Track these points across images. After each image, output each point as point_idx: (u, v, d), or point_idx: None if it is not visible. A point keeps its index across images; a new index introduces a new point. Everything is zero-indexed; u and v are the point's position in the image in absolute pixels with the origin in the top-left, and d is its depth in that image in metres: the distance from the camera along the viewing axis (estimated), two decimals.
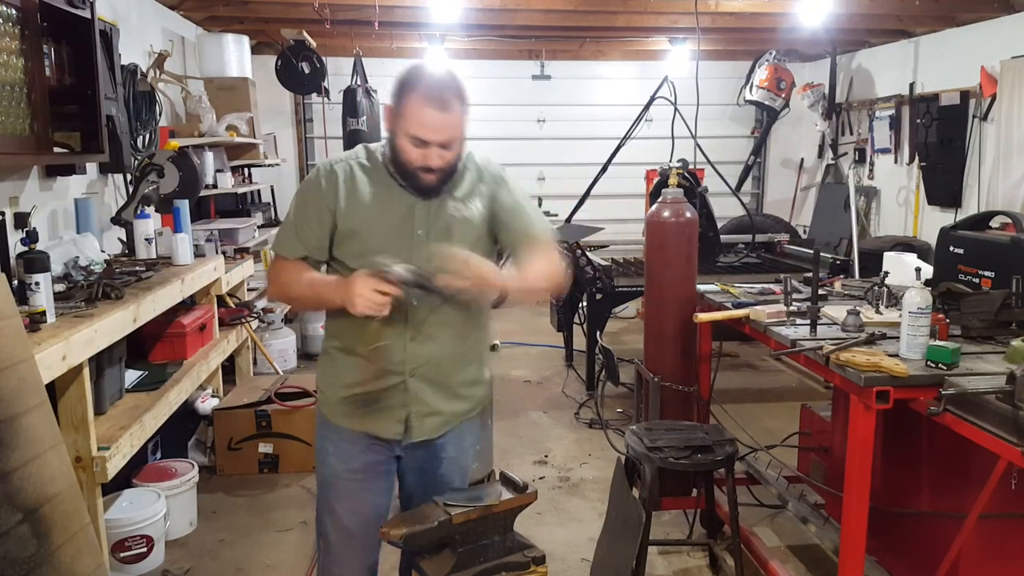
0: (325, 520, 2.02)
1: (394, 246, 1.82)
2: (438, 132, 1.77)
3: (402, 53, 7.64)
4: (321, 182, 1.87)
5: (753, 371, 5.82)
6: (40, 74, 3.06)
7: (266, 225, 6.73)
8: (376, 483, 2.00)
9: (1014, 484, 2.01)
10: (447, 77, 1.81)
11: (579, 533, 3.36)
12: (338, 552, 2.01)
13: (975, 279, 2.67)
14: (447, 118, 1.77)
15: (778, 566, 2.77)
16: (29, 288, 2.43)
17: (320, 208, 1.86)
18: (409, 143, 1.78)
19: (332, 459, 1.98)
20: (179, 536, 3.34)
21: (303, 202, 1.90)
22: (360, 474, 1.97)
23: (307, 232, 1.88)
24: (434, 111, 1.75)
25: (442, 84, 1.78)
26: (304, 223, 1.88)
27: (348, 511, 1.98)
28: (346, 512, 1.98)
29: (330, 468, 1.99)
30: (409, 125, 1.77)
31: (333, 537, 2.01)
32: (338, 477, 1.98)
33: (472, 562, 1.86)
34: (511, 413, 4.82)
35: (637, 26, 6.52)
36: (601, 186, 5.72)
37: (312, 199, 1.88)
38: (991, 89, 5.64)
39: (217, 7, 5.72)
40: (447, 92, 1.77)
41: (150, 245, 3.75)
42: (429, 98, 1.75)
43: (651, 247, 3.32)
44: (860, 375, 2.12)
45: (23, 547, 1.92)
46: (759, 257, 5.58)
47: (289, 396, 4.02)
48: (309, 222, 1.88)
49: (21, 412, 2.01)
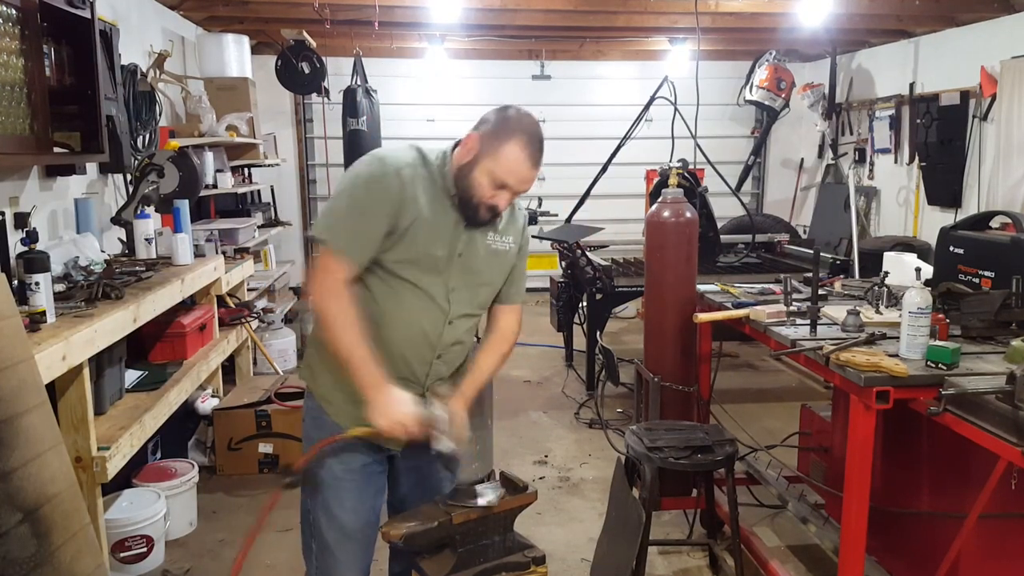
0: (321, 522, 1.99)
1: (437, 262, 1.86)
2: (523, 184, 1.83)
3: (402, 53, 7.65)
4: (389, 184, 1.80)
5: (753, 371, 5.82)
6: (40, 74, 3.06)
7: (266, 225, 6.73)
8: (372, 483, 2.00)
9: (1014, 484, 2.01)
10: (540, 132, 1.84)
11: (579, 533, 3.36)
12: (337, 554, 1.99)
13: (975, 279, 2.67)
14: (534, 173, 1.84)
15: (778, 566, 2.77)
16: (29, 288, 2.43)
17: (384, 215, 1.80)
18: (488, 181, 1.80)
19: (330, 460, 1.95)
20: (179, 536, 3.34)
21: (368, 202, 1.80)
22: (358, 474, 1.97)
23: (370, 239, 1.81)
24: (530, 166, 1.81)
25: (539, 140, 1.83)
26: (368, 228, 1.80)
27: (348, 512, 1.97)
28: (345, 513, 1.97)
29: (328, 469, 1.96)
30: (499, 167, 1.79)
31: (330, 538, 1.98)
32: (338, 479, 1.96)
33: (472, 562, 1.86)
34: (511, 413, 4.82)
35: (637, 26, 6.52)
36: (601, 186, 5.72)
37: (378, 203, 1.80)
38: (991, 89, 5.64)
39: (217, 7, 5.72)
40: (542, 149, 1.83)
41: (150, 245, 3.75)
42: (530, 152, 1.80)
43: (651, 247, 3.31)
44: (860, 375, 2.12)
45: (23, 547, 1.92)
46: (759, 257, 5.58)
47: (289, 396, 4.02)
48: (373, 227, 1.80)
49: (21, 412, 2.01)
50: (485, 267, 1.93)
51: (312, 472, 1.96)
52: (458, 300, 1.90)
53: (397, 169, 1.82)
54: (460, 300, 1.91)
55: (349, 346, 1.80)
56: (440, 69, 7.78)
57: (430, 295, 1.87)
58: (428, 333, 1.89)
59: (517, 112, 1.84)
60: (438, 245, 1.85)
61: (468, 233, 1.89)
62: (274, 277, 6.26)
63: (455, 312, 1.91)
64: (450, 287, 1.89)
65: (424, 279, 1.86)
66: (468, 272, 1.90)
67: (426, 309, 1.88)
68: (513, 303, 2.07)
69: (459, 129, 1.91)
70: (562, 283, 5.51)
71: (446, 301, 1.89)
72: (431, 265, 1.86)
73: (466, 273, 1.90)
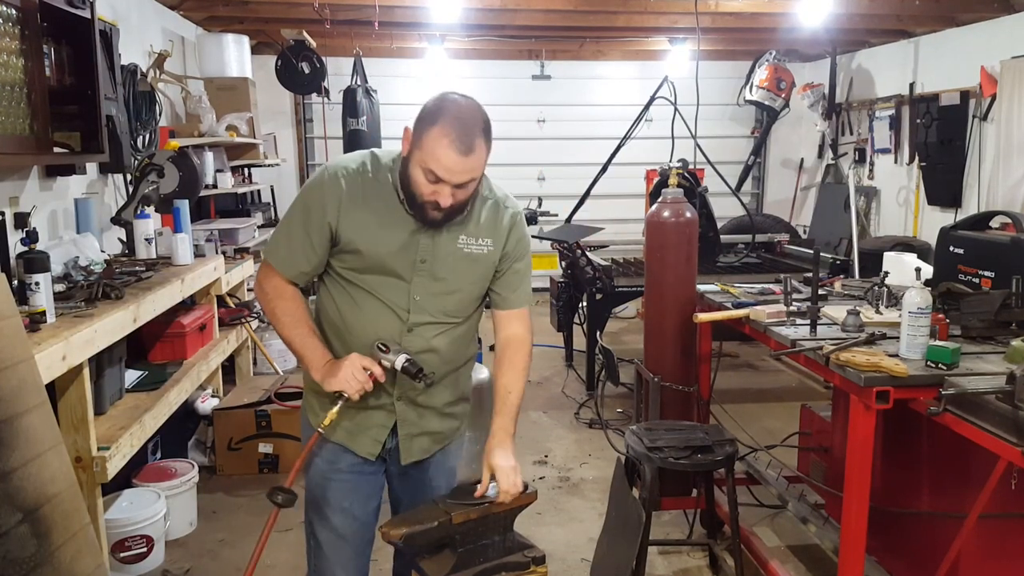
0: (314, 522, 1.99)
1: (395, 270, 1.79)
2: (455, 174, 1.67)
3: (402, 53, 7.65)
4: (324, 193, 1.77)
5: (753, 371, 5.82)
6: (40, 74, 3.06)
7: (266, 225, 6.72)
8: (364, 484, 1.98)
9: (1014, 484, 2.01)
10: (474, 115, 1.69)
11: (579, 533, 3.36)
12: (329, 554, 1.99)
13: (975, 279, 2.67)
14: (468, 161, 1.66)
15: (778, 566, 2.77)
16: (29, 288, 2.43)
17: (321, 224, 1.77)
18: (422, 175, 1.68)
19: (318, 460, 1.94)
20: (179, 536, 3.34)
21: (304, 214, 1.79)
22: (347, 475, 1.95)
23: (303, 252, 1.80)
24: (455, 153, 1.64)
25: (469, 123, 1.67)
26: (304, 240, 1.79)
27: (338, 513, 1.96)
28: (336, 514, 1.96)
29: (316, 469, 1.95)
30: (426, 158, 1.66)
31: (323, 538, 1.98)
32: (326, 478, 1.95)
33: (472, 562, 1.86)
34: None
35: (637, 26, 6.52)
36: (601, 186, 5.73)
37: (314, 211, 1.77)
38: (991, 89, 5.64)
39: (217, 7, 5.72)
40: (472, 133, 1.66)
41: (150, 245, 3.75)
42: (453, 137, 1.64)
43: (651, 247, 3.31)
44: (860, 375, 2.12)
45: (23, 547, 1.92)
46: (759, 257, 5.58)
47: (289, 396, 4.02)
48: (309, 238, 1.79)
49: (21, 412, 2.01)
50: (452, 274, 1.82)
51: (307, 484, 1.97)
52: (419, 308, 1.82)
53: (335, 176, 1.77)
54: (422, 308, 1.82)
55: (292, 337, 1.82)
56: (440, 69, 7.78)
57: (389, 303, 1.80)
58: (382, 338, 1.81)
59: (450, 96, 1.71)
60: (393, 253, 1.77)
61: (431, 238, 1.79)
62: None
63: (415, 320, 1.82)
64: (413, 295, 1.81)
65: (383, 287, 1.80)
66: (433, 279, 1.81)
67: (383, 317, 1.81)
68: (516, 308, 1.96)
69: None
70: (562, 283, 5.51)
71: (406, 310, 1.81)
72: (391, 273, 1.79)
73: (431, 280, 1.81)
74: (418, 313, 1.82)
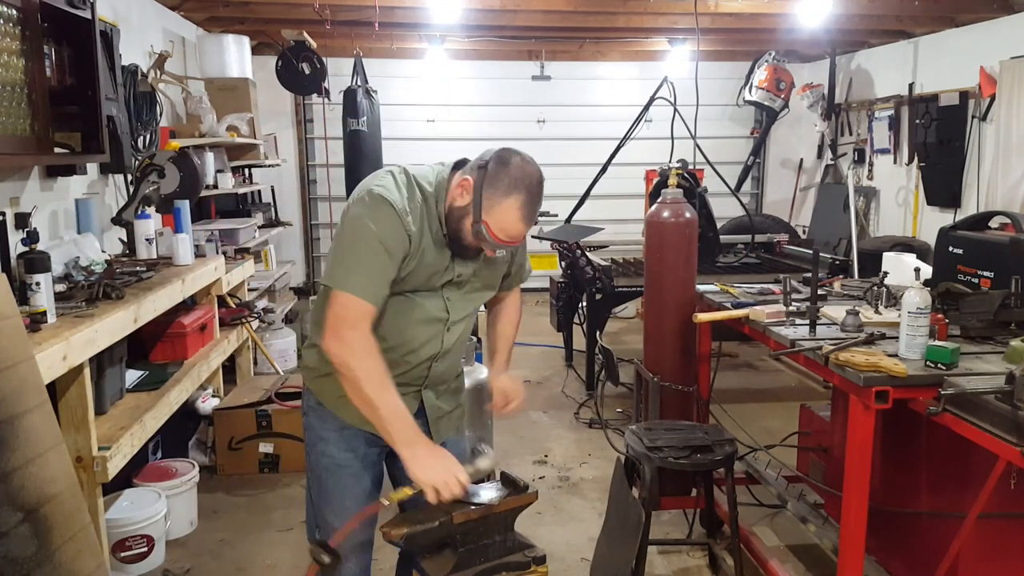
0: (324, 512, 1.99)
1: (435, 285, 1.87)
2: (514, 241, 1.78)
3: (402, 54, 7.65)
4: (403, 226, 1.74)
5: (753, 371, 5.83)
6: (40, 74, 3.06)
7: (266, 225, 6.73)
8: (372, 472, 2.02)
9: (1013, 484, 2.01)
10: (540, 186, 1.75)
11: (579, 533, 3.37)
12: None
13: (974, 279, 2.68)
14: (527, 230, 1.77)
15: (777, 566, 2.77)
16: (30, 288, 2.43)
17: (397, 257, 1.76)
18: (482, 231, 1.74)
19: (332, 448, 1.96)
20: (179, 536, 3.34)
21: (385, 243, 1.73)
22: (360, 462, 1.98)
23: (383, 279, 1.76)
24: (524, 225, 1.74)
25: (537, 196, 1.74)
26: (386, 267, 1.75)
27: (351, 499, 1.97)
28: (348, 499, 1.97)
29: (330, 457, 1.97)
30: (492, 223, 1.73)
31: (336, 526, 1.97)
32: (340, 465, 1.97)
33: (472, 562, 1.86)
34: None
35: (637, 27, 6.53)
36: (601, 186, 5.72)
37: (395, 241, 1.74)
38: (990, 89, 5.65)
39: (217, 8, 5.73)
40: (539, 204, 1.75)
41: (151, 245, 3.76)
42: (525, 212, 1.73)
43: (651, 247, 3.32)
44: (859, 375, 2.12)
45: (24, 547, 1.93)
46: (758, 257, 5.58)
47: (289, 396, 4.03)
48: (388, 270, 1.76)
49: (22, 412, 2.01)
50: (478, 280, 1.96)
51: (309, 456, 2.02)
52: (455, 309, 1.93)
53: (402, 212, 1.75)
54: (457, 309, 1.93)
55: (379, 403, 1.74)
56: (440, 70, 7.79)
57: (429, 309, 1.89)
58: (429, 341, 1.91)
59: (521, 161, 1.75)
60: (438, 273, 1.87)
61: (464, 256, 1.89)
62: (274, 277, 6.27)
63: (453, 319, 1.93)
64: (447, 300, 1.91)
65: (424, 297, 1.88)
66: (462, 286, 1.93)
67: (425, 323, 1.89)
68: (517, 285, 2.14)
69: (459, 129, 1.91)
70: (562, 283, 5.51)
71: (444, 311, 1.91)
72: (431, 288, 1.88)
73: (460, 287, 1.93)
74: (454, 314, 1.93)
